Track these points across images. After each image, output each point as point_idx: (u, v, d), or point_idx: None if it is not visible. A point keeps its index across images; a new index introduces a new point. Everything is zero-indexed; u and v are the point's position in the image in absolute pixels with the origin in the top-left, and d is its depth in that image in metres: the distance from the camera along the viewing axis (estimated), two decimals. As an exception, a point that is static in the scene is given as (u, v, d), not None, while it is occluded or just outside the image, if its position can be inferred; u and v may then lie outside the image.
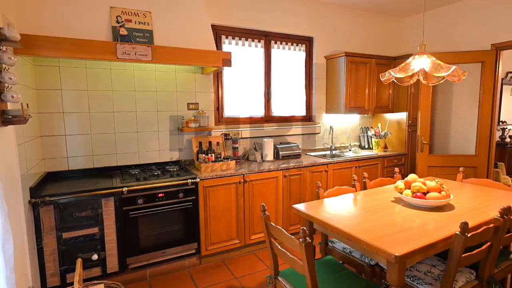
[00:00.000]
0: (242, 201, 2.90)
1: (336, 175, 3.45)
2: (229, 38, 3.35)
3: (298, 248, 1.43)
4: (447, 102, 3.86)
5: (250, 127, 3.49)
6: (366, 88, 3.89)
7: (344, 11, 4.04)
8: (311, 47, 3.90)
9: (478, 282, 1.68)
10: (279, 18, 3.57)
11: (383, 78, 2.25)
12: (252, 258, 2.94)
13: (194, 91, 3.16)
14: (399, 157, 3.96)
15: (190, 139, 3.17)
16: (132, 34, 2.44)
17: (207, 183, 2.71)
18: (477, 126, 3.65)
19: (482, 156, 3.64)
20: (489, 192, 2.28)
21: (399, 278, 1.41)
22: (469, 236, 1.45)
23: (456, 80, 2.06)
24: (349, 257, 2.04)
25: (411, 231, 1.60)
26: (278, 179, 3.07)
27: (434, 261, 1.83)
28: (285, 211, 3.17)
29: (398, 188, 2.08)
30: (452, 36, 3.94)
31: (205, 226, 2.75)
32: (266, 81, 3.63)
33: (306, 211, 1.93)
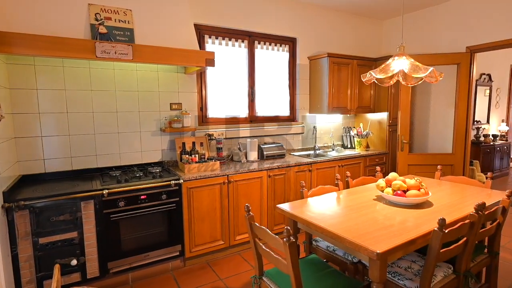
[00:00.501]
0: (226, 201, 2.89)
1: (319, 174, 3.49)
2: (212, 37, 3.32)
3: (282, 247, 1.43)
4: (425, 103, 3.98)
5: (234, 127, 3.48)
6: (348, 89, 3.96)
7: (327, 13, 4.09)
8: (295, 47, 3.93)
9: (456, 276, 1.74)
10: (263, 18, 3.58)
11: (364, 78, 2.30)
12: (237, 259, 2.92)
13: (177, 91, 3.12)
14: (380, 156, 4.05)
15: (173, 139, 3.12)
16: (112, 32, 2.38)
17: (190, 184, 2.68)
18: (454, 125, 3.78)
19: (458, 154, 3.78)
20: (465, 189, 2.37)
21: (381, 275, 1.44)
22: (446, 232, 1.50)
23: (434, 81, 2.13)
24: (333, 255, 2.07)
25: (392, 228, 1.64)
26: (263, 179, 3.08)
27: (414, 257, 1.88)
28: (269, 211, 3.17)
29: (380, 186, 2.13)
30: (430, 38, 4.07)
31: (189, 228, 2.72)
32: (250, 81, 3.63)
33: (290, 211, 1.94)
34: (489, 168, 5.75)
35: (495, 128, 6.48)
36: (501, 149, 6.02)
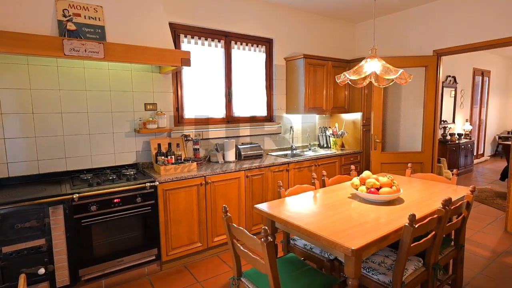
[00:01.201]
0: (204, 203, 2.85)
1: (297, 174, 3.53)
2: (188, 37, 3.27)
3: (260, 248, 1.43)
4: (396, 103, 4.15)
5: (211, 128, 3.45)
6: (324, 90, 4.04)
7: (302, 15, 4.16)
8: (271, 48, 3.95)
9: (425, 269, 1.82)
10: (239, 18, 3.58)
11: (338, 80, 2.35)
12: (215, 261, 2.90)
13: (152, 91, 3.04)
14: (355, 155, 4.17)
15: (148, 141, 3.04)
16: (81, 29, 2.28)
17: (167, 186, 2.62)
18: (423, 125, 3.97)
19: (427, 152, 3.97)
20: (433, 185, 2.49)
21: (356, 270, 1.48)
22: (416, 227, 1.56)
23: (404, 83, 2.22)
24: (310, 253, 2.10)
25: (366, 225, 1.69)
26: (240, 179, 3.07)
27: (387, 252, 1.95)
28: (247, 211, 3.17)
29: (354, 184, 2.19)
30: (400, 41, 4.24)
31: (166, 231, 2.66)
32: (226, 82, 3.61)
33: (267, 211, 1.95)
34: (455, 165, 6.08)
35: (460, 127, 6.87)
36: (466, 147, 6.39)
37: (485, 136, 7.88)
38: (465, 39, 3.61)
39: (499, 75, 8.03)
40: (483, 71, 7.33)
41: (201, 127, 3.38)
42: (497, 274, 2.58)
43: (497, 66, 7.87)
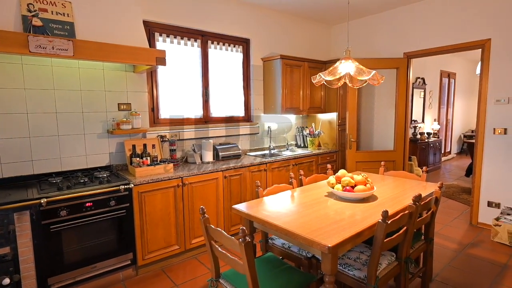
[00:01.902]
0: (181, 205, 2.80)
1: (275, 173, 3.56)
2: (163, 35, 3.21)
3: (238, 248, 1.43)
4: (370, 104, 4.28)
5: (188, 128, 3.40)
6: (301, 90, 4.10)
7: (279, 16, 4.19)
8: (248, 48, 3.96)
9: (398, 263, 1.90)
10: (216, 18, 3.55)
11: (314, 80, 2.39)
12: (193, 263, 2.86)
13: (126, 91, 2.95)
14: (331, 154, 4.26)
15: (122, 142, 2.95)
16: (48, 25, 2.17)
17: (142, 188, 2.55)
18: (394, 124, 4.12)
19: (399, 151, 4.13)
20: (404, 183, 2.59)
21: (332, 267, 1.51)
22: (389, 223, 1.62)
23: (376, 84, 2.30)
24: (288, 252, 2.12)
25: (342, 222, 1.73)
26: (218, 180, 3.05)
27: (362, 248, 2.01)
28: (226, 212, 3.15)
29: (330, 183, 2.23)
30: (373, 44, 4.39)
31: (141, 234, 2.59)
32: (203, 81, 3.57)
33: (245, 211, 1.95)
34: (424, 163, 6.37)
35: (429, 127, 7.21)
36: (434, 145, 6.72)
37: (452, 135, 8.33)
38: (432, 42, 3.79)
39: (463, 77, 8.52)
40: (449, 73, 7.74)
41: (177, 127, 3.32)
42: (464, 265, 2.74)
43: (462, 68, 8.34)
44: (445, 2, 3.65)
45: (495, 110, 3.37)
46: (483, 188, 3.52)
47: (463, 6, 3.51)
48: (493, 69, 3.35)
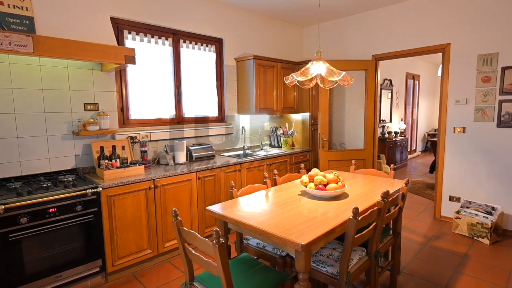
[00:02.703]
0: (153, 208, 2.73)
1: (249, 174, 3.56)
2: (132, 33, 3.10)
3: (212, 250, 1.41)
4: (341, 104, 4.40)
5: (160, 129, 3.31)
6: (274, 90, 4.13)
7: (252, 16, 4.20)
8: (221, 48, 3.93)
9: (368, 258, 1.96)
10: (188, 17, 3.49)
11: (287, 81, 2.42)
12: (166, 267, 2.79)
13: (92, 90, 2.82)
14: (304, 154, 4.33)
15: (89, 143, 2.81)
16: (4, 19, 2.02)
17: (111, 191, 2.45)
18: (364, 124, 4.27)
19: (368, 149, 4.28)
20: (374, 180, 2.69)
21: (306, 265, 1.54)
22: (359, 219, 1.67)
23: (346, 85, 2.36)
24: (263, 251, 2.12)
25: (315, 220, 1.76)
26: (192, 181, 3.00)
27: (335, 244, 2.06)
28: (200, 214, 3.11)
29: (303, 182, 2.27)
30: (343, 46, 4.52)
31: (111, 240, 2.48)
32: (176, 81, 3.50)
33: (219, 212, 1.93)
34: (392, 161, 6.66)
35: (396, 126, 7.55)
36: (401, 144, 7.04)
37: (417, 134, 8.78)
38: (399, 46, 3.98)
39: (427, 79, 9.01)
40: (414, 75, 8.15)
41: (149, 128, 3.23)
42: (428, 257, 2.89)
43: (425, 71, 8.82)
44: (409, 8, 3.84)
45: (455, 110, 3.59)
46: (445, 184, 3.74)
47: (425, 12, 3.71)
48: (452, 72, 3.57)
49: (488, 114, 3.35)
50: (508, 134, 3.25)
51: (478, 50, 3.36)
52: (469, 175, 3.56)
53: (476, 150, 3.48)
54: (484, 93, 3.35)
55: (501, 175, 3.34)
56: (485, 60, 3.33)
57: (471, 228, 3.24)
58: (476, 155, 3.48)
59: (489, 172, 3.41)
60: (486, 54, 3.32)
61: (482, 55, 3.34)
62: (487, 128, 3.38)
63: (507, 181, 3.31)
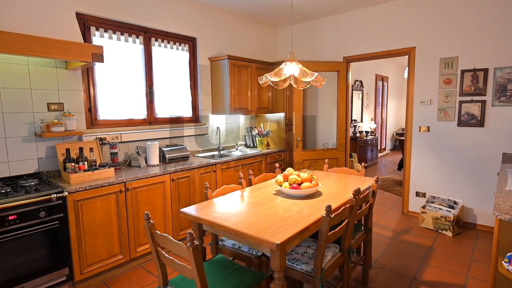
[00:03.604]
0: (125, 211, 2.63)
1: (224, 174, 3.53)
2: (100, 30, 2.97)
3: (186, 253, 1.38)
4: (314, 104, 4.50)
5: (131, 130, 3.20)
6: (249, 91, 4.13)
7: (227, 16, 4.18)
8: (195, 47, 3.87)
9: (341, 254, 2.02)
10: (160, 15, 3.40)
11: (261, 81, 2.43)
12: (139, 272, 2.70)
13: (57, 89, 2.67)
14: (279, 153, 4.37)
15: (53, 146, 2.66)
16: (-45, 12, 1.86)
17: (78, 196, 2.33)
18: (337, 124, 4.39)
19: (341, 148, 4.40)
20: (346, 178, 2.77)
21: (281, 263, 1.55)
22: (332, 217, 1.71)
23: (319, 85, 2.41)
24: (239, 252, 2.11)
25: (290, 219, 1.78)
26: (165, 183, 2.92)
27: (309, 242, 2.09)
28: (174, 216, 3.04)
29: (278, 181, 2.29)
30: (315, 47, 4.61)
31: (79, 246, 2.37)
32: (147, 80, 3.40)
33: (194, 214, 1.89)
34: (363, 159, 6.90)
35: (367, 126, 7.82)
36: (372, 142, 7.31)
37: (386, 133, 9.16)
38: (368, 48, 4.12)
39: (395, 81, 9.42)
40: (383, 77, 8.50)
41: (119, 129, 3.11)
42: (397, 250, 3.02)
43: (393, 73, 9.22)
44: (378, 12, 4.00)
45: (420, 111, 3.78)
46: (412, 180, 3.93)
47: (393, 17, 3.88)
48: (417, 74, 3.76)
49: (449, 114, 3.56)
50: (467, 133, 3.47)
51: (440, 53, 3.57)
52: (433, 171, 3.76)
53: (439, 148, 3.68)
54: (446, 94, 3.56)
55: (461, 171, 3.56)
56: (446, 63, 3.53)
57: (436, 222, 3.43)
58: (440, 153, 3.69)
59: (451, 168, 3.63)
60: (447, 57, 3.52)
61: (444, 59, 3.54)
62: (449, 127, 3.59)
63: (467, 176, 3.53)
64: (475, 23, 3.31)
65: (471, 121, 3.42)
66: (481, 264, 2.72)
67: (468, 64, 3.40)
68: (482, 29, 3.28)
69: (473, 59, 3.37)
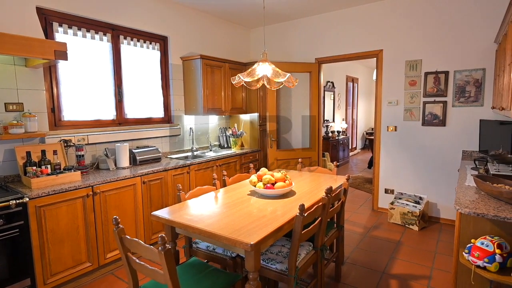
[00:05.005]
0: (92, 216, 2.51)
1: (198, 175, 3.48)
2: (64, 26, 2.82)
3: (157, 257, 1.34)
4: (288, 105, 4.55)
5: (99, 131, 3.06)
6: (222, 91, 4.10)
7: (199, 15, 4.12)
8: (166, 46, 3.78)
9: (315, 251, 2.05)
10: (129, 11, 3.29)
11: (234, 81, 2.42)
12: (109, 280, 2.59)
13: (15, 88, 2.50)
14: (254, 154, 4.38)
15: (12, 148, 2.49)
16: None
17: (41, 201, 2.19)
18: (310, 124, 4.47)
19: (314, 148, 4.49)
20: (319, 177, 2.82)
21: (256, 264, 1.55)
22: (306, 215, 1.74)
23: (291, 86, 2.44)
24: (213, 254, 2.09)
25: (264, 219, 1.78)
26: (136, 186, 2.83)
27: (284, 241, 2.11)
28: (146, 220, 2.95)
29: (252, 181, 2.29)
30: (288, 48, 4.67)
31: (42, 255, 2.22)
32: (116, 80, 3.27)
33: (166, 217, 1.85)
34: (336, 158, 7.08)
35: (339, 126, 8.05)
36: (343, 142, 7.53)
37: (357, 132, 9.48)
38: (339, 50, 4.24)
39: (364, 82, 9.77)
40: (353, 78, 8.78)
41: (86, 130, 2.97)
42: (368, 246, 3.13)
43: (363, 74, 9.56)
44: (348, 15, 4.12)
45: (388, 111, 3.94)
46: (381, 178, 4.09)
47: (362, 20, 4.02)
48: (385, 76, 3.92)
49: (414, 114, 3.75)
50: (431, 132, 3.67)
51: (406, 56, 3.74)
52: (401, 169, 3.94)
53: (406, 146, 3.86)
54: (411, 95, 3.74)
55: (426, 168, 3.76)
56: (411, 66, 3.72)
57: (403, 217, 3.59)
58: (406, 151, 3.87)
59: (417, 165, 3.82)
60: (412, 60, 3.70)
61: (409, 61, 3.72)
62: (414, 127, 3.78)
63: (431, 173, 3.73)
64: (438, 29, 3.51)
65: (434, 120, 3.62)
66: (445, 256, 2.88)
67: (431, 66, 3.60)
68: (443, 34, 3.49)
69: (435, 62, 3.57)
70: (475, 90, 3.37)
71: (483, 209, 1.64)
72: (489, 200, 1.79)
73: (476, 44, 3.32)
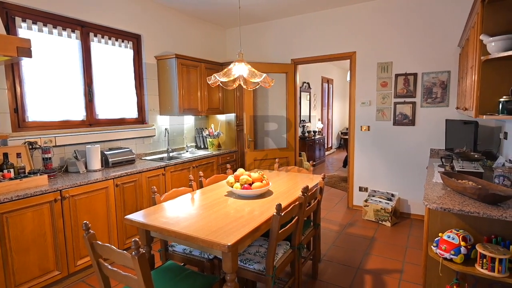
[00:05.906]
0: (61, 222, 2.39)
1: (174, 177, 3.41)
2: (28, 21, 2.66)
3: (131, 262, 1.29)
4: (265, 105, 4.57)
5: (67, 132, 2.92)
6: (198, 91, 4.05)
7: (174, 14, 4.04)
8: (140, 45, 3.67)
9: (292, 250, 2.07)
10: (99, 8, 3.16)
11: (210, 81, 2.39)
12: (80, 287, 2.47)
13: (-27, 87, 2.33)
14: (231, 154, 4.36)
15: (-30, 152, 2.31)
16: None
17: (3, 208, 2.05)
18: (286, 124, 4.52)
19: (290, 148, 4.54)
20: (296, 176, 2.85)
21: (233, 265, 1.53)
22: (283, 215, 1.75)
23: (267, 86, 2.45)
24: (190, 257, 2.05)
25: (242, 220, 1.77)
26: (109, 189, 2.72)
27: (261, 241, 2.11)
28: (120, 224, 2.85)
29: (229, 182, 2.27)
30: (264, 49, 4.70)
31: (5, 265, 2.08)
32: (86, 79, 3.13)
33: (140, 220, 1.79)
34: (312, 158, 7.21)
35: (315, 126, 8.19)
36: (319, 142, 7.67)
37: (332, 132, 9.70)
38: (314, 52, 4.31)
39: (339, 83, 10.02)
40: (328, 79, 8.98)
41: (53, 131, 2.82)
42: (344, 243, 3.20)
43: (337, 76, 9.80)
44: (323, 17, 4.21)
45: (361, 111, 4.07)
46: (356, 176, 4.21)
47: (336, 23, 4.11)
48: (358, 77, 4.03)
49: (386, 114, 3.89)
50: (401, 131, 3.83)
51: (378, 58, 3.88)
52: (374, 167, 4.07)
53: (378, 145, 4.00)
54: (383, 96, 3.88)
55: (397, 166, 3.91)
56: (383, 68, 3.85)
57: (377, 214, 3.71)
58: (379, 150, 4.01)
59: (389, 164, 3.97)
60: (383, 62, 3.84)
61: (381, 63, 3.86)
62: (386, 126, 3.92)
63: (402, 171, 3.89)
64: (407, 33, 3.67)
65: (404, 120, 3.78)
66: (415, 250, 3.01)
67: (401, 68, 3.75)
68: (412, 38, 3.65)
69: (404, 64, 3.72)
70: (441, 92, 3.55)
71: (449, 204, 1.73)
72: (455, 196, 1.89)
73: (442, 48, 3.50)
